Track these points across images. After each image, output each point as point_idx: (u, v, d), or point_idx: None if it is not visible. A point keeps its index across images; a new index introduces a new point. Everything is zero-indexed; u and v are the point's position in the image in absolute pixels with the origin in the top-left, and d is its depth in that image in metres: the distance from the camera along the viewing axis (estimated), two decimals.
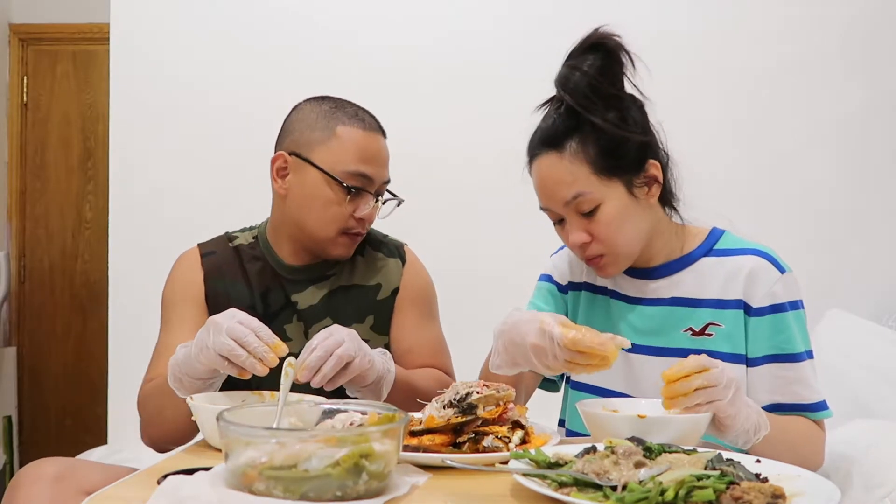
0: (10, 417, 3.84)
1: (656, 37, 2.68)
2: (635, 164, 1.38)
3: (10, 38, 4.07)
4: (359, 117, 1.59)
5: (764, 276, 1.38)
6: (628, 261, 1.42)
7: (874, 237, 2.69)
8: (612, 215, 1.36)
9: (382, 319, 1.64)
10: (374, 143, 1.58)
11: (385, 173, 1.60)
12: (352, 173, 1.54)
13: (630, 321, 1.46)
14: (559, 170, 1.36)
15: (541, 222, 1.51)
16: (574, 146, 1.36)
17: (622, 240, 1.38)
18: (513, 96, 2.78)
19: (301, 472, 0.88)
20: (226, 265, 1.62)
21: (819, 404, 1.36)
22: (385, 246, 1.70)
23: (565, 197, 1.36)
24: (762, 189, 2.67)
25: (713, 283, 1.41)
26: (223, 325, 1.25)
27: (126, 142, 2.85)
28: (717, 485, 0.87)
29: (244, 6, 2.85)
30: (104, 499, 0.97)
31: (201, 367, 1.28)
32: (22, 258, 4.11)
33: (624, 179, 1.37)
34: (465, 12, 2.81)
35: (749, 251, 1.42)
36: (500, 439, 1.11)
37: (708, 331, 1.40)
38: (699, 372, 1.15)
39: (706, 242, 1.46)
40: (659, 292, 1.45)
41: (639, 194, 1.38)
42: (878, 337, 2.35)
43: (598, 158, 1.35)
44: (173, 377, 1.33)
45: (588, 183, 1.35)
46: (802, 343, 1.38)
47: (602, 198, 1.36)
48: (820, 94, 2.71)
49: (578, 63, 1.36)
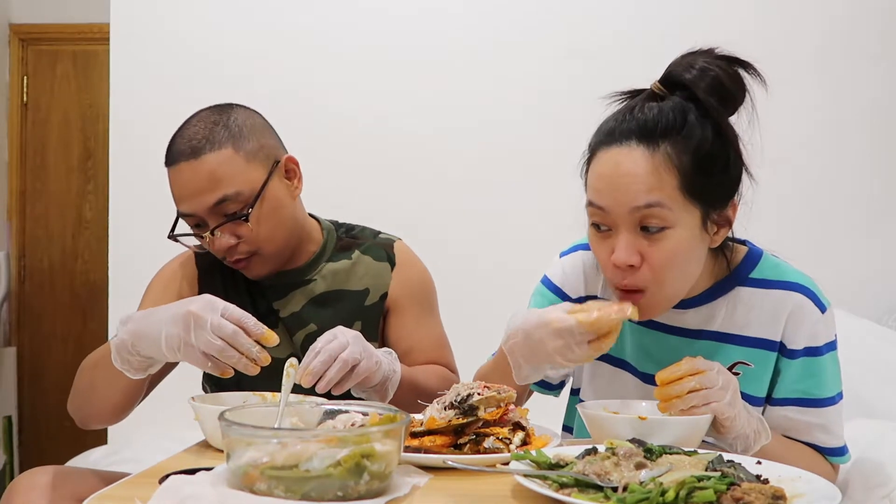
0: (10, 417, 3.84)
1: (657, 33, 2.69)
2: (723, 195, 1.21)
3: (10, 38, 4.07)
4: (170, 149, 1.49)
5: (807, 318, 1.26)
6: (668, 305, 1.24)
7: (874, 237, 2.69)
8: (678, 244, 1.17)
9: (371, 325, 1.60)
10: (178, 177, 1.46)
11: (204, 199, 1.44)
12: (181, 215, 1.50)
13: (648, 350, 1.34)
14: (643, 168, 1.15)
15: (542, 223, 1.51)
16: (668, 149, 1.16)
17: (673, 278, 1.19)
18: (514, 96, 2.78)
19: (302, 473, 0.88)
20: (217, 269, 1.59)
21: (836, 450, 1.30)
22: (374, 248, 1.64)
23: (637, 202, 1.15)
24: (762, 189, 2.66)
25: (749, 319, 1.28)
26: (207, 320, 1.16)
27: (126, 142, 2.85)
28: (717, 486, 0.87)
29: (244, 6, 2.85)
30: (105, 499, 0.97)
31: (169, 357, 1.20)
32: (22, 258, 4.11)
33: (704, 209, 1.18)
34: (469, 12, 2.81)
35: (791, 286, 1.28)
36: (501, 440, 1.11)
37: (736, 369, 1.28)
38: (694, 374, 1.14)
39: (742, 268, 1.30)
40: (685, 322, 1.30)
41: (709, 230, 1.21)
42: (878, 337, 2.35)
43: (690, 172, 1.16)
44: (121, 358, 1.23)
45: (670, 196, 1.15)
46: (833, 386, 1.29)
47: (676, 220, 1.16)
48: (820, 95, 2.71)
49: (710, 63, 1.19)
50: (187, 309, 1.17)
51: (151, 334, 1.20)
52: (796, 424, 1.29)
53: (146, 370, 1.26)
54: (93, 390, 1.36)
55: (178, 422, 1.96)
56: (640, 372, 1.36)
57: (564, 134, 2.71)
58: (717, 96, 1.18)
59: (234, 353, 1.17)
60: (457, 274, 2.38)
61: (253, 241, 1.48)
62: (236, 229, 1.47)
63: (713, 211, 1.20)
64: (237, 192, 1.45)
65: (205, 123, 1.48)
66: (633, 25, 2.73)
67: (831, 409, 1.29)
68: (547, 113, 2.70)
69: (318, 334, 1.33)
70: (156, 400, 1.60)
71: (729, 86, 1.18)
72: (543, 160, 2.62)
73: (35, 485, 1.25)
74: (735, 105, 1.22)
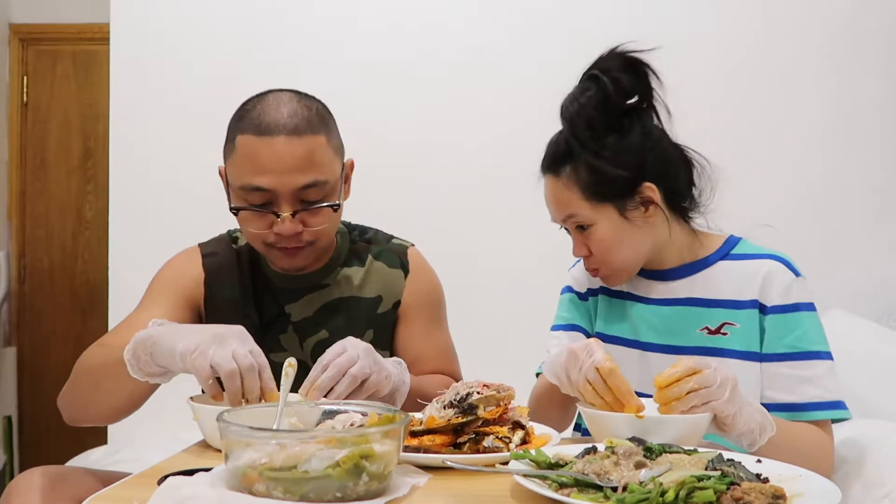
0: (10, 417, 3.84)
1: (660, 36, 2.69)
2: (625, 189, 1.43)
3: (10, 38, 4.06)
4: (259, 119, 1.40)
5: (779, 277, 1.42)
6: (627, 275, 1.49)
7: (874, 237, 2.69)
8: (604, 235, 1.43)
9: (383, 333, 1.58)
10: (268, 148, 1.38)
11: (295, 179, 1.39)
12: (248, 188, 1.40)
13: (648, 320, 1.49)
14: (556, 192, 1.46)
15: (548, 226, 1.54)
16: (568, 171, 1.43)
17: (617, 258, 1.45)
18: (516, 96, 2.78)
19: (301, 473, 0.88)
20: (226, 268, 1.56)
21: (833, 403, 1.37)
22: (387, 254, 1.62)
23: (561, 216, 1.47)
24: (762, 189, 2.67)
25: (728, 284, 1.45)
26: (232, 345, 1.15)
27: (126, 142, 2.85)
28: (717, 485, 0.87)
29: (244, 6, 2.85)
30: (104, 499, 0.97)
31: (180, 365, 1.17)
32: (22, 258, 4.11)
33: (615, 204, 1.43)
34: (472, 10, 2.81)
35: (765, 256, 1.46)
36: (500, 440, 1.11)
37: (723, 330, 1.43)
38: (691, 375, 1.15)
39: (722, 248, 1.50)
40: (674, 292, 1.48)
41: (633, 216, 1.44)
42: (878, 337, 2.34)
43: (589, 185, 1.42)
44: (133, 354, 1.21)
45: (579, 206, 1.43)
46: (818, 343, 1.40)
47: (593, 220, 1.43)
48: (820, 95, 2.71)
49: (578, 94, 1.43)
50: (219, 331, 1.18)
51: (171, 341, 1.18)
52: (790, 382, 1.38)
53: (159, 377, 1.24)
54: (96, 390, 1.34)
55: (178, 422, 1.96)
56: (643, 342, 1.49)
57: None
58: (581, 125, 1.41)
59: (237, 385, 1.14)
60: (461, 277, 2.38)
61: (318, 232, 1.45)
62: (311, 217, 1.44)
63: (626, 201, 1.43)
64: (325, 179, 1.42)
65: (299, 105, 1.43)
66: (633, 26, 2.74)
67: (820, 363, 1.38)
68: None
69: (330, 342, 1.32)
70: (156, 400, 1.60)
71: (593, 113, 1.40)
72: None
73: (33, 485, 1.25)
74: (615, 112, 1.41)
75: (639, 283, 1.52)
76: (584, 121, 1.41)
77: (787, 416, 1.36)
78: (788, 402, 1.37)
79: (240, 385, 1.14)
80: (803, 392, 1.37)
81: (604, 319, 1.55)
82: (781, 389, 1.38)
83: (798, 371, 1.38)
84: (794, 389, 1.37)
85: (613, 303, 1.55)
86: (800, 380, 1.37)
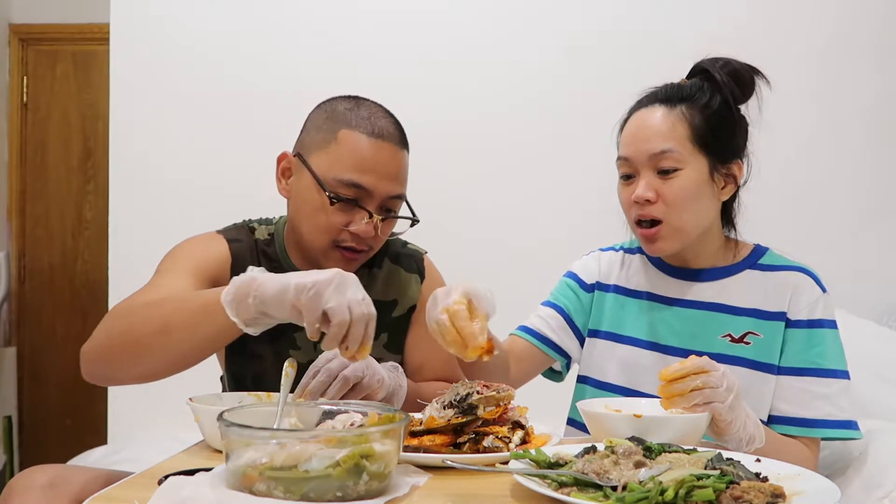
0: (10, 417, 3.84)
1: (661, 33, 2.69)
2: (727, 152, 1.44)
3: (10, 38, 4.06)
4: (370, 122, 1.46)
5: (808, 292, 1.43)
6: (681, 241, 1.44)
7: (874, 237, 2.69)
8: (686, 184, 1.40)
9: (397, 337, 1.58)
10: (378, 151, 1.44)
11: (391, 187, 1.45)
12: (345, 182, 1.43)
13: (668, 322, 1.48)
14: (661, 122, 1.43)
15: (553, 226, 1.53)
16: (684, 109, 1.43)
17: (686, 213, 1.41)
18: (517, 96, 2.78)
19: (301, 473, 0.89)
20: (250, 256, 1.54)
21: (845, 423, 1.37)
22: (404, 258, 1.63)
23: (654, 149, 1.42)
24: (762, 189, 2.66)
25: (757, 293, 1.45)
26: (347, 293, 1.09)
27: (126, 142, 2.85)
28: (716, 484, 0.87)
29: (244, 6, 2.85)
30: (105, 499, 0.97)
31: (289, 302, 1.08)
32: (22, 258, 4.11)
33: (711, 159, 1.42)
34: (475, 10, 2.81)
35: (794, 268, 1.47)
36: (500, 439, 1.11)
37: (746, 339, 1.43)
38: (698, 373, 1.15)
39: (751, 256, 1.50)
40: (701, 295, 1.48)
41: (716, 181, 1.44)
42: (878, 337, 2.35)
43: (699, 128, 1.42)
44: (234, 296, 1.11)
45: (681, 143, 1.41)
46: (837, 361, 1.40)
47: (686, 164, 1.41)
48: (820, 96, 2.71)
49: (727, 59, 1.47)
50: (335, 276, 1.10)
51: (282, 279, 1.10)
52: (805, 397, 1.37)
53: (252, 326, 1.14)
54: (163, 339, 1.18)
55: (178, 422, 1.96)
56: (662, 345, 1.47)
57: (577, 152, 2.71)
58: (731, 78, 1.44)
59: (342, 332, 1.08)
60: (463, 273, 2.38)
61: (380, 242, 1.51)
62: (385, 226, 1.49)
63: (719, 164, 1.43)
64: (405, 194, 1.51)
65: (395, 120, 1.52)
66: (636, 24, 2.74)
67: (836, 381, 1.38)
68: (549, 117, 2.71)
69: None
70: (156, 400, 1.60)
71: (743, 73, 1.45)
72: (552, 160, 2.63)
73: (33, 485, 1.24)
74: (745, 92, 1.46)
75: (661, 282, 1.51)
76: (730, 72, 1.44)
77: (798, 431, 1.36)
78: (801, 417, 1.37)
79: (345, 332, 1.09)
80: (817, 408, 1.37)
81: (615, 319, 1.53)
82: (795, 403, 1.38)
83: (814, 387, 1.38)
84: (808, 405, 1.37)
85: (629, 302, 1.53)
86: (815, 396, 1.37)
